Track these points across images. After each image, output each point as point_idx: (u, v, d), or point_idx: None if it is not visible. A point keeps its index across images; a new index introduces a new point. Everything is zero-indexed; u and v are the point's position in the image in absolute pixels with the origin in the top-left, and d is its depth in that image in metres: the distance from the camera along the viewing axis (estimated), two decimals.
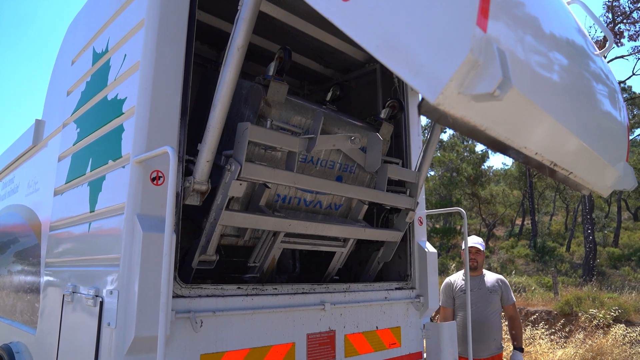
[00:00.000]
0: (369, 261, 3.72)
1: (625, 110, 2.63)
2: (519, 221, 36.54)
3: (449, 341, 3.55)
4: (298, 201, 3.26)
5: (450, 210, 4.67)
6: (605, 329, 9.96)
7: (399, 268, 3.82)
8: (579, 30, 2.30)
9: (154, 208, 2.40)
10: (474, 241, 4.78)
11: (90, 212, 2.79)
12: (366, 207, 3.49)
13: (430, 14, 1.31)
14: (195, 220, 2.81)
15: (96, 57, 3.13)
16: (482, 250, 4.77)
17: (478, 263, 4.73)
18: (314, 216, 3.38)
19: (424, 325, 3.68)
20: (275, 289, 2.87)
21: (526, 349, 8.65)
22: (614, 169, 2.38)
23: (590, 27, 19.10)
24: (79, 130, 3.19)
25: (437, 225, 33.66)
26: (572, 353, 8.64)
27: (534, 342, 9.19)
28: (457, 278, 4.83)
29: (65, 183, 3.23)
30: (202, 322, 2.47)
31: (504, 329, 5.49)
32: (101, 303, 2.43)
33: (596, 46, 2.56)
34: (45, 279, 3.37)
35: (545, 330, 9.73)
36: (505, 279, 4.85)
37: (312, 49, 3.90)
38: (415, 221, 3.79)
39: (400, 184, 3.64)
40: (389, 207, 3.70)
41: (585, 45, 2.30)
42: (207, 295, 2.54)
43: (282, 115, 2.98)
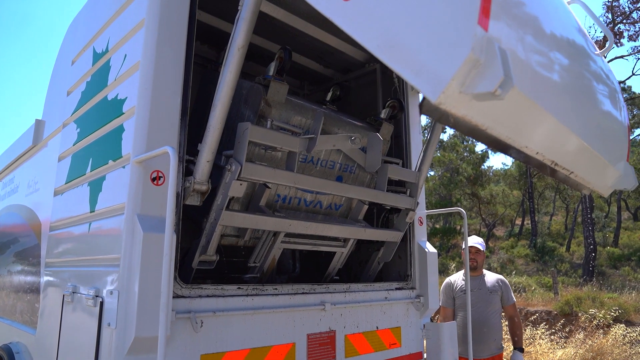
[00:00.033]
0: (369, 261, 3.72)
1: (625, 110, 2.63)
2: (518, 221, 36.55)
3: (449, 341, 3.55)
4: (298, 201, 3.26)
5: (451, 211, 4.67)
6: (605, 329, 9.96)
7: (399, 268, 3.82)
8: (579, 30, 2.30)
9: (154, 208, 2.40)
10: (474, 241, 4.78)
11: (91, 212, 2.79)
12: (366, 207, 3.49)
13: (431, 13, 1.31)
14: (195, 220, 2.80)
15: (96, 57, 3.13)
16: (482, 250, 4.77)
17: (478, 263, 4.73)
18: (314, 216, 3.38)
19: (424, 325, 3.68)
20: (276, 289, 2.87)
21: (526, 349, 8.65)
22: (615, 168, 2.38)
23: (590, 27, 19.09)
24: (79, 130, 3.19)
25: (437, 226, 33.67)
26: (572, 353, 8.64)
27: (534, 342, 9.19)
28: (457, 278, 4.83)
29: (65, 183, 3.23)
30: (203, 323, 2.46)
31: (504, 329, 5.48)
32: (101, 303, 2.43)
33: (596, 46, 2.56)
34: (45, 279, 3.37)
35: (545, 330, 9.72)
36: (505, 279, 4.84)
37: (312, 49, 3.90)
38: (416, 221, 3.78)
39: (401, 184, 3.63)
40: (389, 207, 3.70)
41: (585, 45, 2.30)
42: (208, 296, 2.53)
43: (282, 116, 2.98)
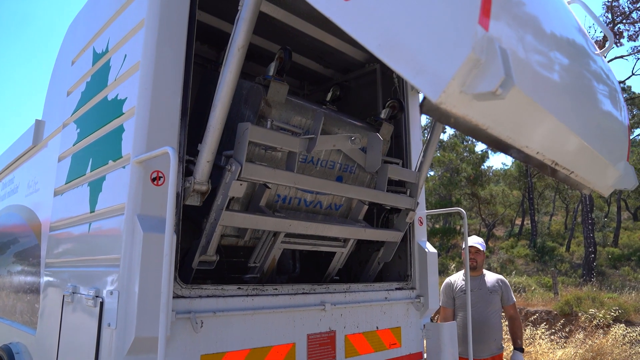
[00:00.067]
0: (369, 261, 3.72)
1: (626, 109, 2.63)
2: (518, 221, 36.55)
3: (449, 341, 3.55)
4: (298, 201, 3.26)
5: (451, 211, 4.67)
6: (605, 329, 9.96)
7: (399, 268, 3.82)
8: (579, 29, 2.30)
9: (154, 208, 2.39)
10: (474, 241, 4.78)
11: (91, 212, 2.79)
12: (366, 207, 3.49)
13: (431, 12, 1.31)
14: (195, 220, 2.80)
15: (96, 57, 3.13)
16: (482, 250, 4.76)
17: (477, 263, 4.72)
18: (314, 216, 3.38)
19: (424, 325, 3.68)
20: (276, 289, 2.87)
21: (526, 349, 8.65)
22: (615, 168, 2.38)
23: (589, 27, 19.10)
24: (79, 130, 3.19)
25: (437, 226, 33.68)
26: (572, 353, 8.64)
27: (534, 342, 9.19)
28: (458, 278, 4.83)
29: (65, 183, 3.23)
30: (203, 323, 2.46)
31: (504, 329, 5.48)
32: (101, 303, 2.42)
33: (596, 46, 2.56)
34: (45, 279, 3.37)
35: (545, 330, 9.72)
36: (505, 279, 4.84)
37: (312, 49, 3.90)
38: (416, 221, 3.78)
39: (401, 184, 3.63)
40: (389, 207, 3.70)
41: (585, 45, 2.30)
42: (208, 296, 2.53)
43: (282, 116, 2.98)
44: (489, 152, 33.17)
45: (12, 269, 4.40)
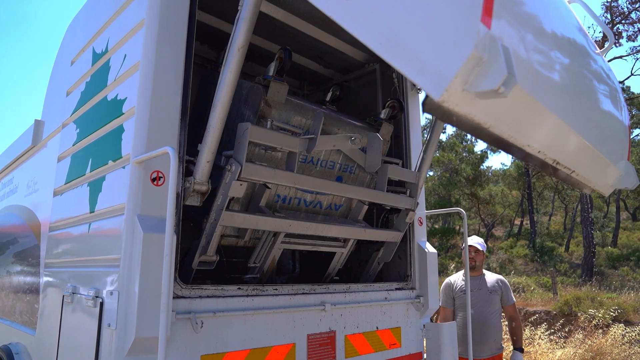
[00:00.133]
0: (369, 261, 3.72)
1: (626, 109, 2.63)
2: (517, 221, 36.57)
3: (449, 341, 3.54)
4: (298, 201, 3.25)
5: (450, 211, 4.67)
6: (605, 328, 9.96)
7: (399, 268, 3.82)
8: (579, 29, 2.30)
9: (154, 209, 2.39)
10: (474, 241, 4.78)
11: (90, 212, 2.78)
12: (366, 207, 3.49)
13: (433, 10, 1.31)
14: (195, 220, 2.80)
15: (96, 57, 3.12)
16: (482, 250, 4.76)
17: (477, 263, 4.72)
18: (314, 217, 3.37)
19: (424, 325, 3.68)
20: (276, 289, 2.86)
21: (526, 349, 8.65)
22: (616, 167, 2.38)
23: (589, 27, 19.12)
24: (78, 130, 3.18)
25: (437, 226, 33.68)
26: (572, 353, 8.64)
27: (534, 342, 9.19)
28: (457, 278, 4.83)
29: (64, 183, 3.22)
30: (203, 323, 2.46)
31: (503, 329, 5.48)
32: (101, 304, 2.42)
33: (596, 45, 2.56)
34: (44, 279, 3.36)
35: (544, 330, 9.72)
36: (505, 280, 4.84)
37: (312, 49, 3.90)
38: (415, 221, 3.78)
39: (400, 185, 3.63)
40: (389, 208, 3.70)
41: (586, 44, 2.30)
42: (208, 296, 2.53)
43: (282, 116, 2.98)
44: (488, 152, 33.23)
45: (11, 269, 4.40)
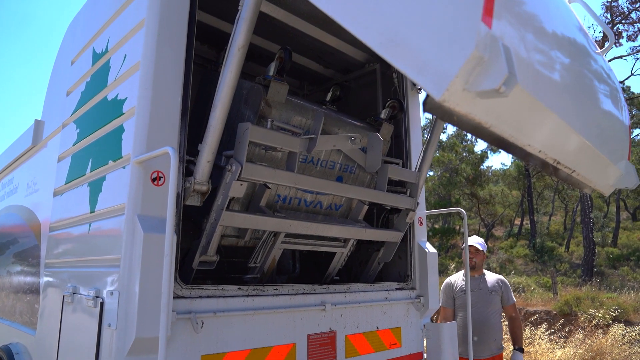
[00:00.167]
0: (369, 261, 3.72)
1: (626, 109, 2.63)
2: (518, 221, 36.56)
3: (449, 341, 3.54)
4: (298, 201, 3.25)
5: (451, 211, 4.67)
6: (605, 328, 9.96)
7: (399, 268, 3.82)
8: (580, 28, 2.30)
9: (154, 209, 2.39)
10: (474, 241, 4.78)
11: (91, 212, 2.78)
12: (366, 207, 3.48)
13: (434, 10, 1.30)
14: (195, 220, 2.80)
15: (96, 57, 3.12)
16: (482, 250, 4.76)
17: (476, 262, 4.72)
18: (315, 216, 3.37)
19: (424, 325, 3.68)
20: (276, 289, 2.86)
21: (526, 349, 8.65)
22: (616, 167, 2.38)
23: (589, 27, 19.11)
24: (78, 130, 3.18)
25: (436, 226, 33.68)
26: (572, 353, 8.64)
27: (534, 342, 9.19)
28: (458, 278, 4.83)
29: (65, 184, 3.22)
30: (203, 323, 2.46)
31: (504, 329, 5.48)
32: (101, 304, 2.42)
33: (596, 45, 2.56)
34: (44, 279, 3.36)
35: (544, 330, 9.73)
36: (505, 280, 4.84)
37: (312, 49, 3.90)
38: (416, 221, 3.78)
39: (401, 184, 3.63)
40: (389, 208, 3.69)
41: (586, 44, 2.30)
42: (208, 296, 2.53)
43: (282, 116, 2.98)
44: (488, 152, 33.22)
45: (11, 269, 4.39)
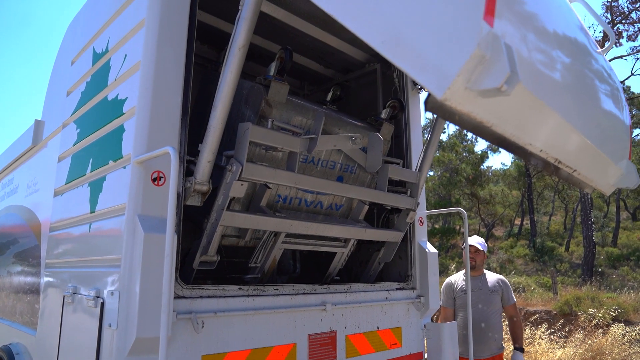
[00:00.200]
0: (369, 261, 3.72)
1: (627, 109, 2.63)
2: (518, 221, 36.55)
3: (450, 341, 3.54)
4: (299, 201, 3.25)
5: (451, 211, 4.67)
6: (605, 328, 9.96)
7: (399, 268, 3.81)
8: (581, 28, 2.29)
9: (155, 209, 2.39)
10: (474, 241, 4.78)
11: (91, 212, 2.78)
12: (367, 207, 3.48)
13: (436, 9, 1.30)
14: (196, 220, 2.80)
15: (96, 57, 3.12)
16: (482, 250, 4.76)
17: (477, 262, 4.72)
18: (315, 217, 3.37)
19: (424, 325, 3.67)
20: (276, 289, 2.86)
21: (526, 348, 8.65)
22: (617, 166, 2.38)
23: (590, 27, 19.10)
24: (79, 130, 3.18)
25: (437, 226, 33.67)
26: (572, 353, 8.64)
27: (534, 341, 9.19)
28: (458, 278, 4.83)
29: (65, 184, 3.22)
30: (204, 323, 2.46)
31: (504, 329, 5.48)
32: (102, 304, 2.42)
33: (597, 45, 2.55)
34: (45, 280, 3.36)
35: (544, 330, 9.73)
36: (505, 279, 4.84)
37: (312, 49, 3.90)
38: (416, 221, 3.78)
39: (401, 184, 3.63)
40: (389, 208, 3.69)
41: (587, 44, 2.30)
42: (209, 296, 2.52)
43: (283, 116, 2.98)
44: (489, 152, 33.22)
45: (12, 269, 4.39)
